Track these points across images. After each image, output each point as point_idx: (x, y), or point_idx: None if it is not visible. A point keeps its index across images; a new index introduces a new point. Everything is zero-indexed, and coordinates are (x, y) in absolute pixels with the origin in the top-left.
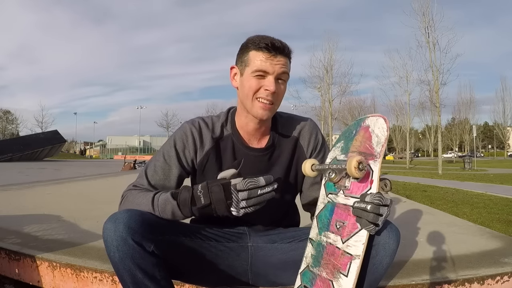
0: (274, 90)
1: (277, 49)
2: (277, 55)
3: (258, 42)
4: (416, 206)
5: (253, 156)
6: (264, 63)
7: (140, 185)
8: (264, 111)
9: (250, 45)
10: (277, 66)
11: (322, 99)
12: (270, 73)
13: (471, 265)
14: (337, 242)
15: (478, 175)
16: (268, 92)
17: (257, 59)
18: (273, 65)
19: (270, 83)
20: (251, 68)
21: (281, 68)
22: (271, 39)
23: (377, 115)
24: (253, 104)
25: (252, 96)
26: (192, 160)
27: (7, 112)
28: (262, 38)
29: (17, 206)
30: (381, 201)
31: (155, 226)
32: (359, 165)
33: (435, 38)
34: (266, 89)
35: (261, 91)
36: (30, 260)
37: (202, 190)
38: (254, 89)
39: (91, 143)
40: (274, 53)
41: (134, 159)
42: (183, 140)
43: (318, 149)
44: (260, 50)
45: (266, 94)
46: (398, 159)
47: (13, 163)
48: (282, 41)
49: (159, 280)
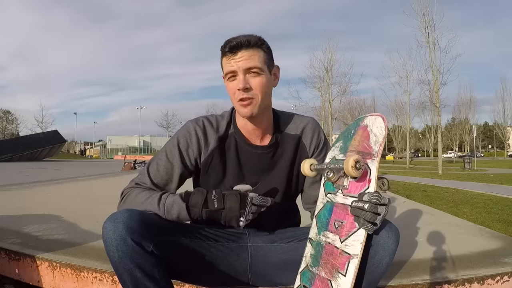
0: (244, 86)
1: (234, 47)
2: (237, 51)
3: (222, 48)
4: (416, 206)
5: (256, 154)
6: (228, 65)
7: (142, 183)
8: (246, 108)
9: (220, 53)
10: (241, 62)
11: (322, 99)
12: (236, 71)
13: (471, 265)
14: (335, 242)
15: (478, 175)
16: (240, 91)
17: (225, 63)
18: (236, 63)
19: (238, 81)
20: (224, 73)
21: (246, 63)
22: (231, 40)
23: (375, 114)
24: (236, 106)
25: (234, 100)
26: (196, 159)
27: (7, 112)
28: (225, 43)
29: (17, 206)
30: (379, 200)
31: (154, 226)
32: (356, 164)
33: (435, 38)
34: (237, 89)
35: (236, 92)
36: (30, 260)
37: (216, 196)
38: (232, 92)
39: (91, 143)
40: (234, 51)
41: (134, 159)
42: (187, 139)
43: (320, 148)
44: (224, 54)
45: (241, 94)
46: (398, 159)
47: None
48: (243, 37)
49: (159, 280)
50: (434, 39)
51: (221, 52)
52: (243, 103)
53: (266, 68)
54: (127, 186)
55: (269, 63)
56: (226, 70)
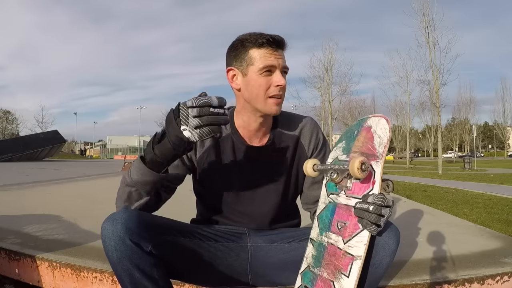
0: (285, 83)
1: (278, 42)
2: (279, 48)
3: (256, 39)
4: (416, 206)
5: (254, 154)
6: (269, 58)
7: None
8: (278, 106)
9: (248, 44)
10: (281, 60)
11: (322, 99)
12: (277, 67)
13: (471, 265)
14: (338, 243)
15: (478, 175)
16: (280, 87)
17: (261, 56)
18: (278, 59)
19: (279, 78)
20: (256, 67)
21: (284, 61)
22: (267, 34)
23: (379, 115)
24: (266, 102)
25: (263, 95)
26: (192, 157)
27: (7, 112)
28: (259, 35)
29: (17, 206)
30: (383, 202)
31: (153, 226)
32: (361, 166)
33: (435, 38)
34: (277, 85)
35: (272, 88)
36: (30, 260)
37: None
38: (265, 87)
39: (91, 143)
40: (275, 46)
41: (134, 159)
42: None
43: (319, 148)
44: (262, 47)
45: (279, 90)
46: (398, 159)
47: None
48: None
49: (158, 280)
50: (434, 39)
51: (252, 42)
52: (278, 101)
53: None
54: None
55: None
56: (265, 63)
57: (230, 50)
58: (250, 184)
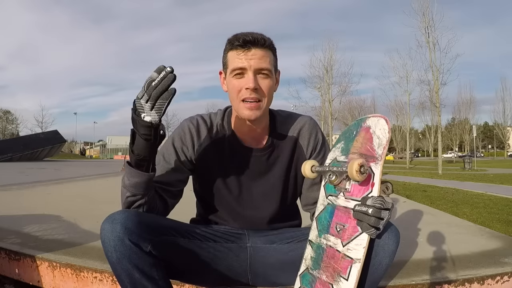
0: (254, 86)
1: (248, 42)
2: (251, 48)
3: (232, 41)
4: (416, 206)
5: (252, 156)
6: (238, 60)
7: None
8: (251, 111)
9: (227, 46)
10: (253, 61)
11: (322, 99)
12: (247, 68)
13: (471, 265)
14: (337, 245)
15: (478, 175)
16: (249, 90)
17: (232, 58)
18: (248, 60)
19: (248, 80)
20: (230, 68)
21: (258, 62)
22: (244, 34)
23: (378, 115)
24: (239, 105)
25: (236, 98)
26: (191, 157)
27: (7, 112)
28: (236, 36)
29: (17, 206)
30: (383, 204)
31: (152, 227)
32: (360, 169)
33: (435, 38)
34: (246, 88)
35: (242, 91)
36: (30, 260)
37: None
38: (236, 90)
39: (91, 143)
40: (247, 47)
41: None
42: (181, 138)
43: (318, 149)
44: (234, 48)
45: (249, 93)
46: (398, 159)
47: (13, 163)
48: (258, 34)
49: (157, 280)
50: (434, 39)
51: (230, 44)
52: (250, 104)
53: (273, 72)
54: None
55: (275, 67)
56: (234, 66)
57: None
58: (248, 186)
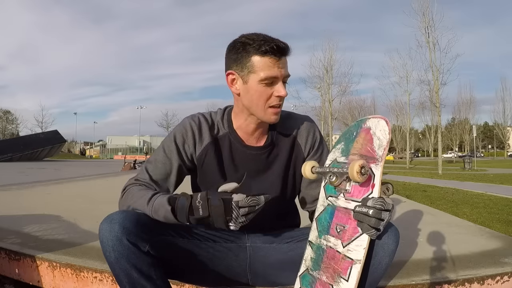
0: (286, 94)
1: (282, 50)
2: (282, 56)
3: (260, 46)
4: (416, 206)
5: (251, 154)
6: (272, 69)
7: (142, 179)
8: (277, 116)
9: (251, 49)
10: (283, 69)
11: (322, 99)
12: (279, 78)
13: (471, 265)
14: (337, 246)
15: (478, 175)
16: (278, 98)
17: (264, 66)
18: (280, 69)
19: (281, 89)
20: (258, 76)
21: (286, 71)
22: (272, 40)
23: (378, 116)
24: (265, 111)
25: (264, 105)
26: (192, 155)
27: (7, 112)
28: (263, 41)
29: (17, 206)
30: (383, 205)
31: (150, 227)
32: (361, 170)
33: (435, 38)
34: (278, 95)
35: (272, 98)
36: (30, 260)
37: (201, 201)
38: (265, 97)
39: (91, 143)
40: (280, 55)
41: (134, 159)
42: (183, 135)
43: (316, 148)
44: (265, 55)
45: (278, 100)
46: (398, 159)
47: (13, 163)
48: (283, 42)
49: (155, 280)
50: (434, 39)
51: (257, 48)
52: (276, 109)
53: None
54: (128, 182)
55: None
56: (268, 74)
57: (230, 51)
58: (247, 185)
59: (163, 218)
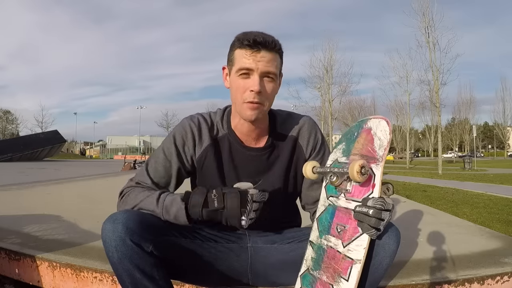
0: (259, 90)
1: (259, 43)
2: (261, 50)
3: (242, 39)
4: (416, 206)
5: (251, 156)
6: (246, 60)
7: (143, 182)
8: (252, 111)
9: (236, 43)
10: (261, 63)
11: (322, 99)
12: (254, 70)
13: (471, 265)
14: (338, 246)
15: (478, 175)
16: (253, 93)
17: (240, 57)
18: (256, 62)
19: (254, 83)
20: (236, 67)
21: (266, 65)
22: (254, 34)
23: (379, 117)
24: (242, 106)
25: (240, 99)
26: (192, 157)
27: (7, 112)
28: (246, 35)
29: (17, 206)
30: (383, 205)
31: (153, 227)
32: (361, 170)
33: (435, 38)
34: (251, 90)
35: (247, 93)
36: (30, 260)
37: (216, 194)
38: (240, 90)
39: (91, 143)
40: (257, 48)
41: (134, 159)
42: (183, 136)
43: (318, 149)
44: (243, 47)
45: (253, 96)
46: (398, 159)
47: (13, 163)
48: (269, 36)
49: (158, 280)
50: (434, 39)
51: (238, 42)
52: (251, 105)
53: (278, 75)
54: (127, 185)
55: (280, 70)
56: (241, 65)
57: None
58: (253, 182)
59: (174, 217)
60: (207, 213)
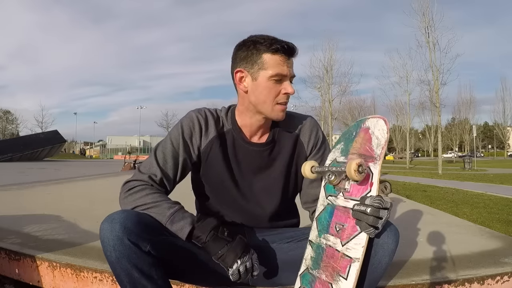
0: (294, 92)
1: (291, 50)
2: (291, 56)
3: (271, 44)
4: (416, 206)
5: (254, 151)
6: (282, 67)
7: (153, 174)
8: (283, 113)
9: (262, 47)
10: (291, 69)
11: (322, 99)
12: (287, 76)
13: (471, 265)
14: (336, 245)
15: (478, 175)
16: (285, 96)
17: (275, 63)
18: (288, 68)
19: (289, 87)
20: (267, 73)
21: (293, 71)
22: (281, 40)
23: (377, 116)
24: (273, 108)
25: (272, 101)
26: (198, 148)
27: (7, 112)
28: (273, 40)
29: (17, 206)
30: (381, 204)
31: (151, 227)
32: (358, 168)
33: (435, 38)
34: (286, 93)
35: (281, 95)
36: (30, 260)
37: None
38: (274, 94)
39: (91, 143)
40: (289, 55)
41: (134, 159)
42: (190, 128)
43: (319, 146)
44: (276, 53)
45: (286, 98)
46: (398, 159)
47: (13, 163)
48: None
49: (156, 280)
50: (434, 39)
51: (268, 47)
52: (283, 107)
53: None
54: (136, 177)
55: None
56: (277, 71)
57: (240, 50)
58: (250, 181)
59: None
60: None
